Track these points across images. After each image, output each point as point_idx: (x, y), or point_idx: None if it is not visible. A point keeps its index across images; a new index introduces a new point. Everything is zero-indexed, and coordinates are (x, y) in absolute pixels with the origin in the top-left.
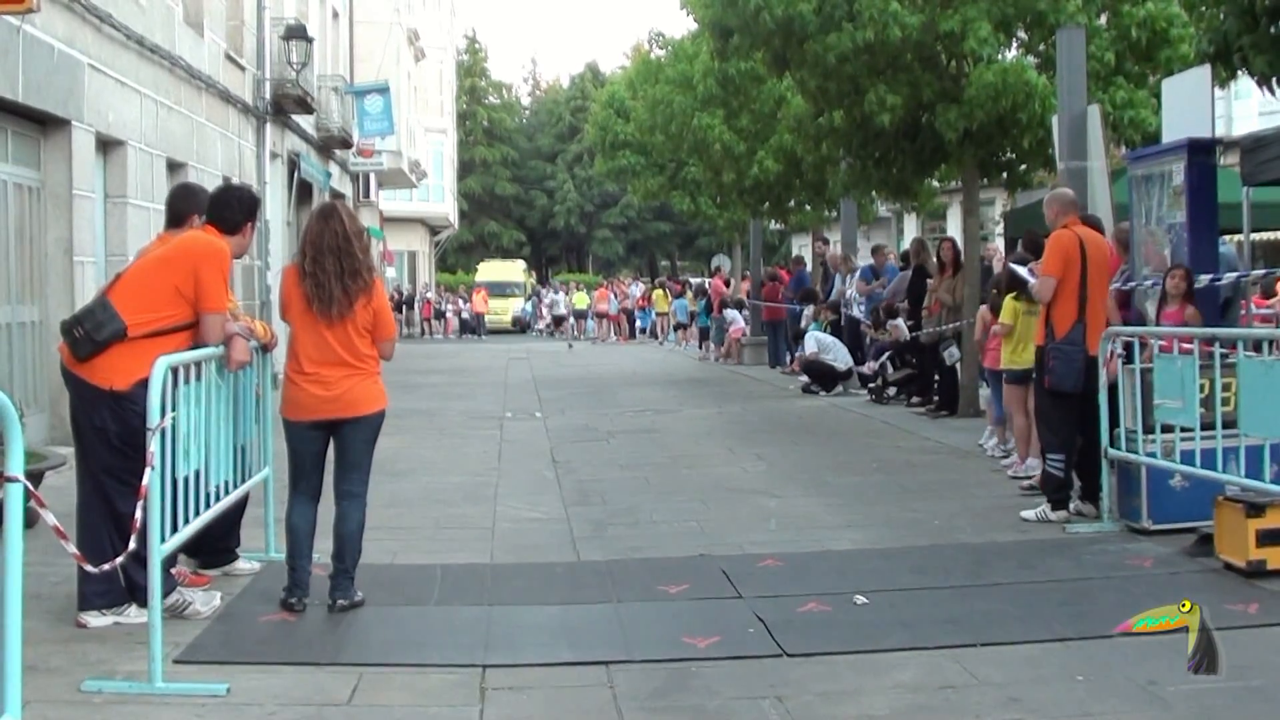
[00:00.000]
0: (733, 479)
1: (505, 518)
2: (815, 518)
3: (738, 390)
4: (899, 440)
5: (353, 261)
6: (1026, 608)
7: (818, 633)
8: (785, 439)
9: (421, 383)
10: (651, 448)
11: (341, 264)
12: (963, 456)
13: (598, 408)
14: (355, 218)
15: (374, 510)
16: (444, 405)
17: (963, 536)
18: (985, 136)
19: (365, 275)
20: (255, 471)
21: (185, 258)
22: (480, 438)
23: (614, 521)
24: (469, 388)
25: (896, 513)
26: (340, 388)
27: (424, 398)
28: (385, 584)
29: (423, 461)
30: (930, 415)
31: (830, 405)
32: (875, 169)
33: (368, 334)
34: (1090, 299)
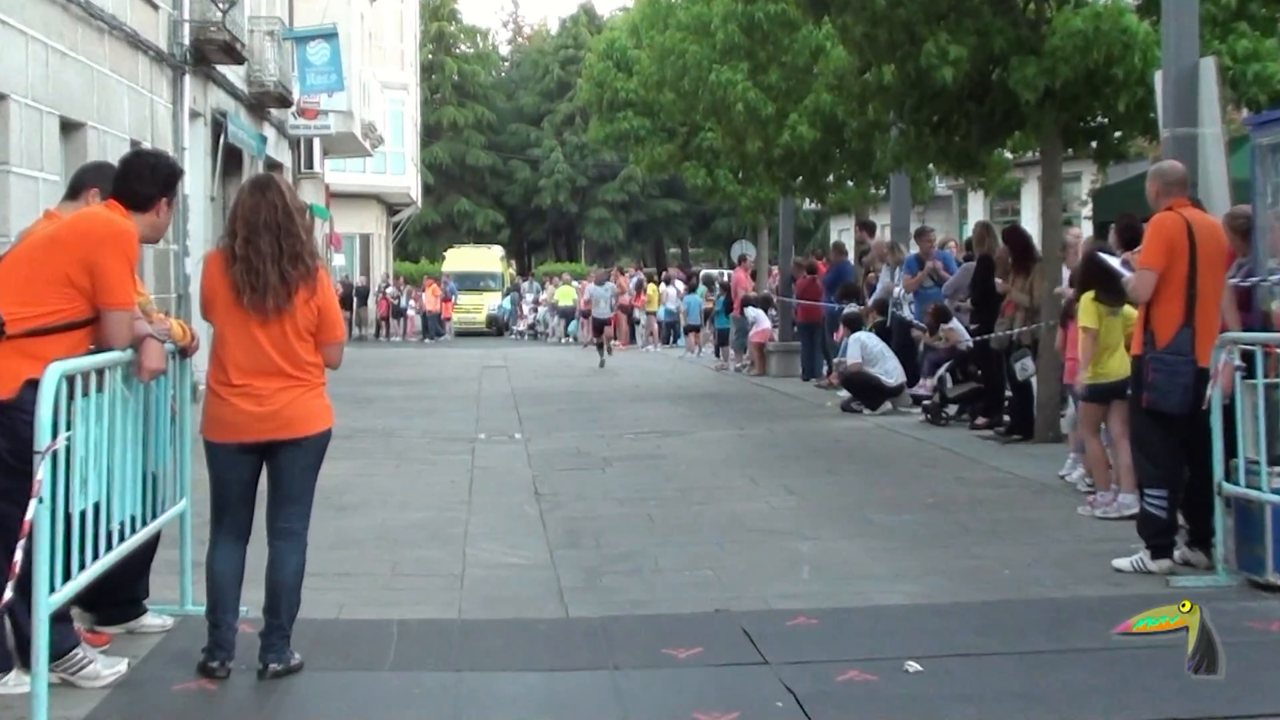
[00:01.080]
0: (756, 517)
1: (477, 563)
2: (857, 565)
3: (763, 408)
4: (961, 470)
5: (294, 242)
6: (1120, 680)
7: (860, 707)
8: (821, 468)
9: (376, 396)
10: (657, 478)
11: (280, 244)
12: (1039, 491)
13: (591, 428)
14: (295, 193)
15: (316, 553)
16: (403, 424)
17: (1040, 590)
18: (1071, 97)
19: (308, 260)
20: (169, 505)
21: (78, 240)
22: (447, 464)
23: (610, 569)
24: (434, 402)
25: (957, 560)
26: (276, 402)
27: (379, 414)
28: (329, 644)
29: (377, 493)
30: (1000, 440)
31: (876, 427)
32: (933, 137)
33: (310, 336)
34: (1200, 298)
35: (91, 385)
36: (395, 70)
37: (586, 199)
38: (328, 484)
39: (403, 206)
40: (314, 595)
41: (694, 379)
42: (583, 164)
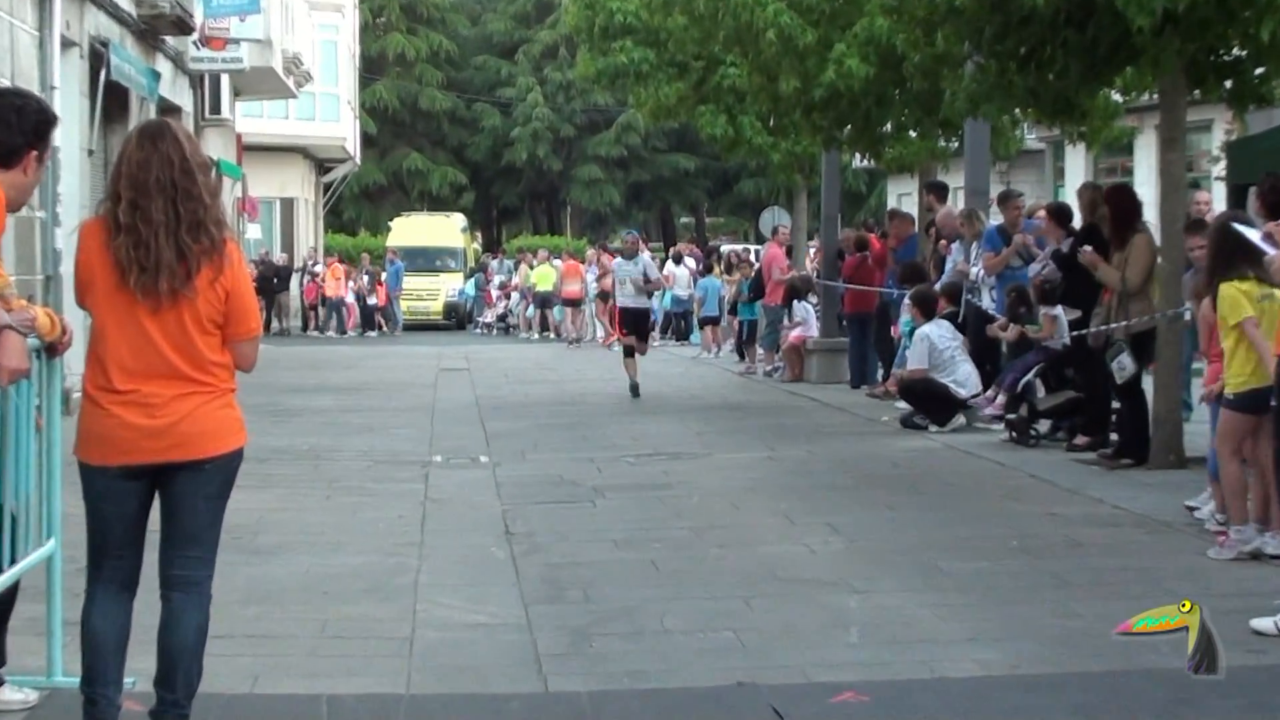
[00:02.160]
0: (791, 564)
1: (431, 622)
2: (920, 625)
3: (800, 423)
4: (1055, 504)
5: (194, 207)
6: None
7: None
8: (875, 500)
9: (302, 407)
10: (663, 513)
11: (176, 210)
12: (1156, 530)
13: (579, 449)
14: (197, 144)
15: (223, 608)
16: (337, 443)
17: (1156, 658)
18: (1198, 22)
19: (213, 230)
20: (33, 548)
21: None
22: (393, 495)
23: (603, 630)
24: (376, 415)
25: (1050, 619)
26: (171, 414)
27: (305, 430)
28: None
29: (302, 531)
30: (1106, 464)
31: (945, 447)
32: (1020, 73)
33: (215, 329)
34: None
35: None
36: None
37: (573, 154)
38: (239, 520)
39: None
40: (221, 662)
41: (711, 385)
42: (568, 109)
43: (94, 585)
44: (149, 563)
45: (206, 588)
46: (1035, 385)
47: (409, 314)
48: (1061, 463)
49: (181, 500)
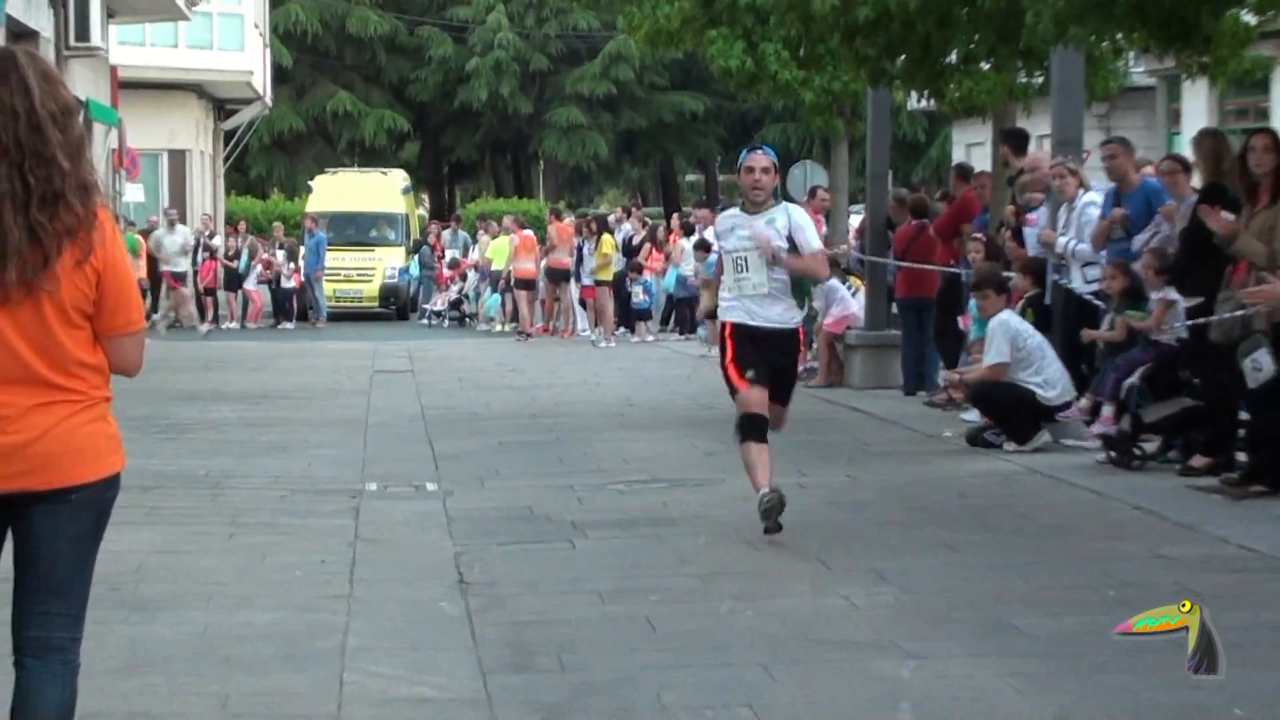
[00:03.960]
0: (826, 622)
1: (362, 697)
2: (993, 699)
3: (838, 439)
4: (1165, 543)
5: (49, 173)
6: None
7: None
8: (933, 540)
9: (198, 420)
10: (660, 556)
11: (25, 178)
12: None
13: (554, 474)
14: (57, 81)
15: (95, 679)
16: (242, 466)
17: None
18: None
19: (76, 202)
20: None
21: None
22: (314, 533)
23: (583, 706)
24: (292, 430)
25: (1158, 691)
26: (28, 429)
27: (202, 451)
28: None
29: (197, 580)
30: (1231, 493)
31: (1026, 471)
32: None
33: (84, 322)
34: None
35: None
36: None
37: (547, 92)
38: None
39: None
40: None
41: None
42: (540, 34)
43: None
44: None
45: (73, 654)
46: (1142, 390)
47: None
48: (1174, 490)
49: (41, 541)
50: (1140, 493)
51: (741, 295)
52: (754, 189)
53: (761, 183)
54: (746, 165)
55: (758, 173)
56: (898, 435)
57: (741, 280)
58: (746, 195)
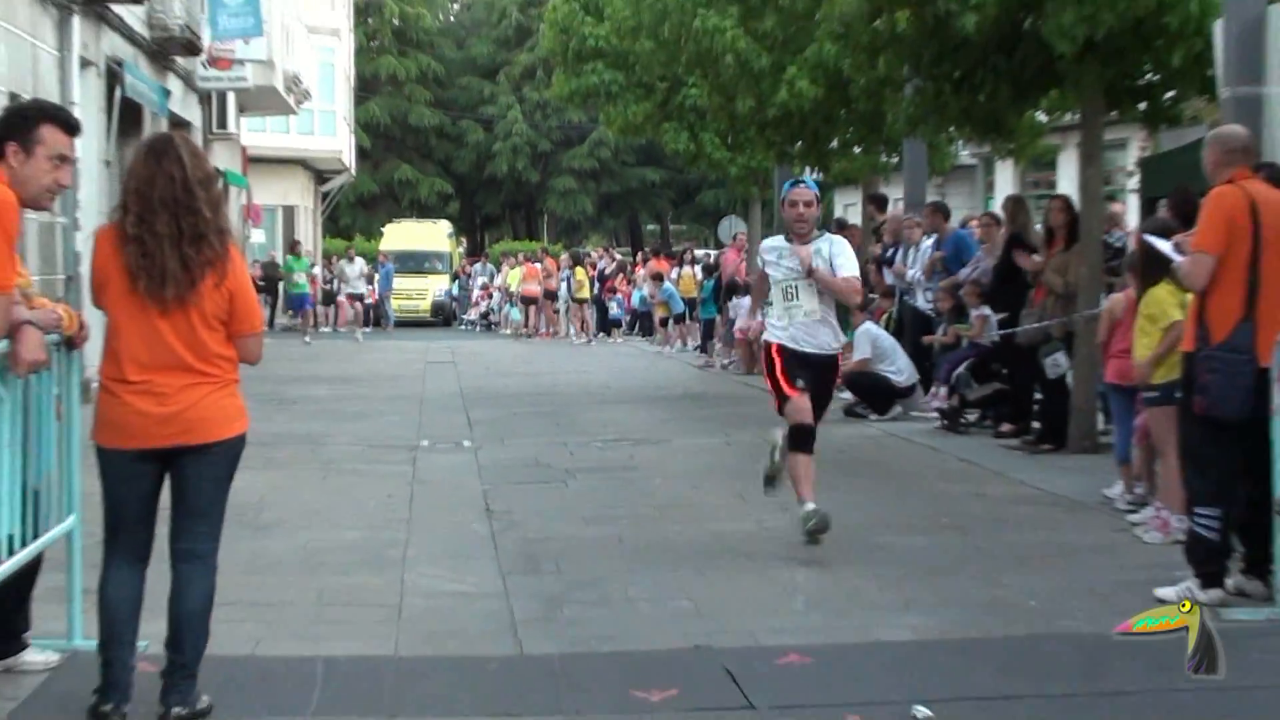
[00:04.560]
0: (744, 539)
1: (417, 591)
2: (860, 595)
3: (752, 411)
4: (982, 485)
5: (196, 221)
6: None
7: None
8: (820, 482)
9: (299, 396)
10: (629, 493)
11: (179, 224)
12: (1073, 509)
13: (553, 435)
14: (202, 157)
15: (227, 578)
16: (332, 429)
17: (1072, 624)
18: (1115, 50)
19: (214, 241)
20: (54, 523)
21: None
22: (383, 476)
23: (572, 598)
24: (368, 404)
25: (976, 589)
26: (180, 402)
27: (303, 417)
28: (244, 685)
29: (300, 509)
30: (1028, 450)
31: (884, 434)
32: (954, 95)
33: (220, 326)
34: (1264, 287)
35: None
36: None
37: (549, 166)
38: (242, 498)
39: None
40: (226, 627)
41: (674, 377)
42: (545, 125)
43: (110, 557)
44: (160, 537)
45: (212, 560)
46: (966, 378)
47: (400, 312)
48: (988, 448)
49: (189, 481)
50: (965, 449)
51: (791, 323)
52: (798, 222)
53: (805, 216)
54: (790, 200)
55: (801, 206)
56: None
57: (791, 308)
58: (791, 228)
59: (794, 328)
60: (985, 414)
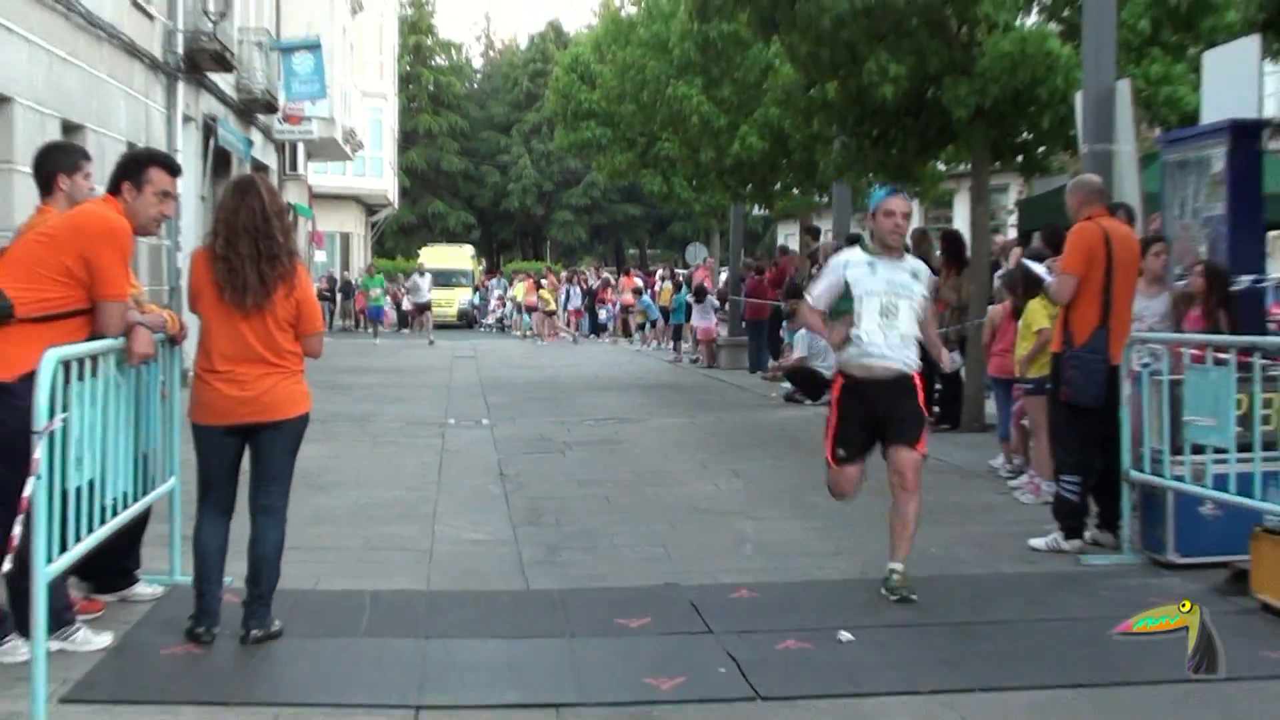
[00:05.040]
0: (705, 498)
1: (445, 539)
2: (797, 543)
3: (713, 398)
4: None
5: (271, 245)
6: (1033, 649)
7: (797, 674)
8: (765, 454)
9: (353, 384)
10: (613, 462)
11: (258, 247)
12: (965, 476)
13: (553, 415)
14: (276, 193)
15: (295, 528)
16: (377, 409)
17: (963, 567)
18: (999, 114)
19: (285, 260)
20: (159, 483)
21: (74, 236)
22: (418, 447)
23: (568, 545)
24: (407, 390)
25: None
26: (258, 388)
27: (354, 400)
28: (307, 612)
29: (352, 473)
30: (930, 429)
31: (817, 416)
32: (873, 149)
33: (289, 327)
34: (1115, 302)
35: (87, 370)
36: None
37: (552, 203)
38: (306, 465)
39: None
40: (292, 567)
41: (650, 370)
42: (549, 170)
43: (202, 511)
44: (241, 495)
45: (283, 514)
46: None
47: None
48: None
49: (265, 450)
50: None
51: (886, 340)
52: (894, 233)
53: (902, 227)
54: (885, 209)
55: (899, 216)
56: (746, 396)
57: (888, 326)
58: (885, 238)
59: (885, 345)
60: None
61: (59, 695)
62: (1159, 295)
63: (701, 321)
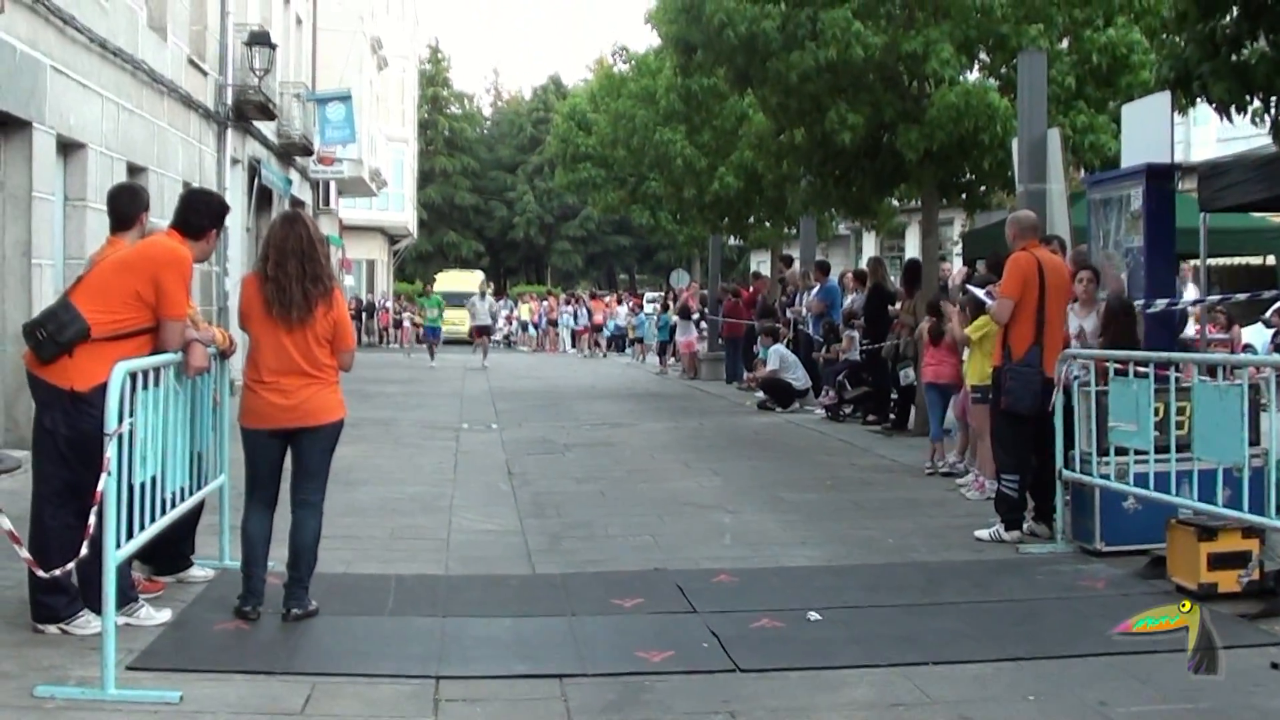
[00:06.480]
0: (688, 494)
1: (460, 529)
2: (770, 534)
3: (694, 405)
4: (854, 458)
5: (315, 266)
6: (979, 627)
7: (771, 649)
8: (741, 455)
9: (378, 392)
10: (608, 461)
11: (304, 267)
12: (917, 474)
13: (554, 420)
14: (317, 226)
15: (330, 519)
16: (400, 415)
17: (916, 555)
18: (945, 157)
19: (326, 282)
20: (211, 479)
21: (147, 263)
22: (436, 448)
23: (569, 534)
24: (425, 398)
25: (850, 530)
26: (299, 396)
27: (380, 407)
28: (340, 593)
29: (379, 471)
30: (885, 433)
31: (786, 422)
32: (835, 187)
33: (327, 344)
34: (1048, 321)
35: (150, 380)
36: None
37: (552, 233)
38: (338, 464)
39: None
40: (327, 554)
41: (640, 381)
42: (549, 205)
43: (249, 504)
44: (284, 491)
45: (320, 507)
46: (845, 383)
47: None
48: (859, 432)
49: (305, 451)
50: (842, 433)
51: None
52: None
53: None
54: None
55: None
56: (724, 403)
57: None
58: None
59: None
60: (857, 408)
61: (125, 663)
62: (1088, 315)
63: (684, 336)
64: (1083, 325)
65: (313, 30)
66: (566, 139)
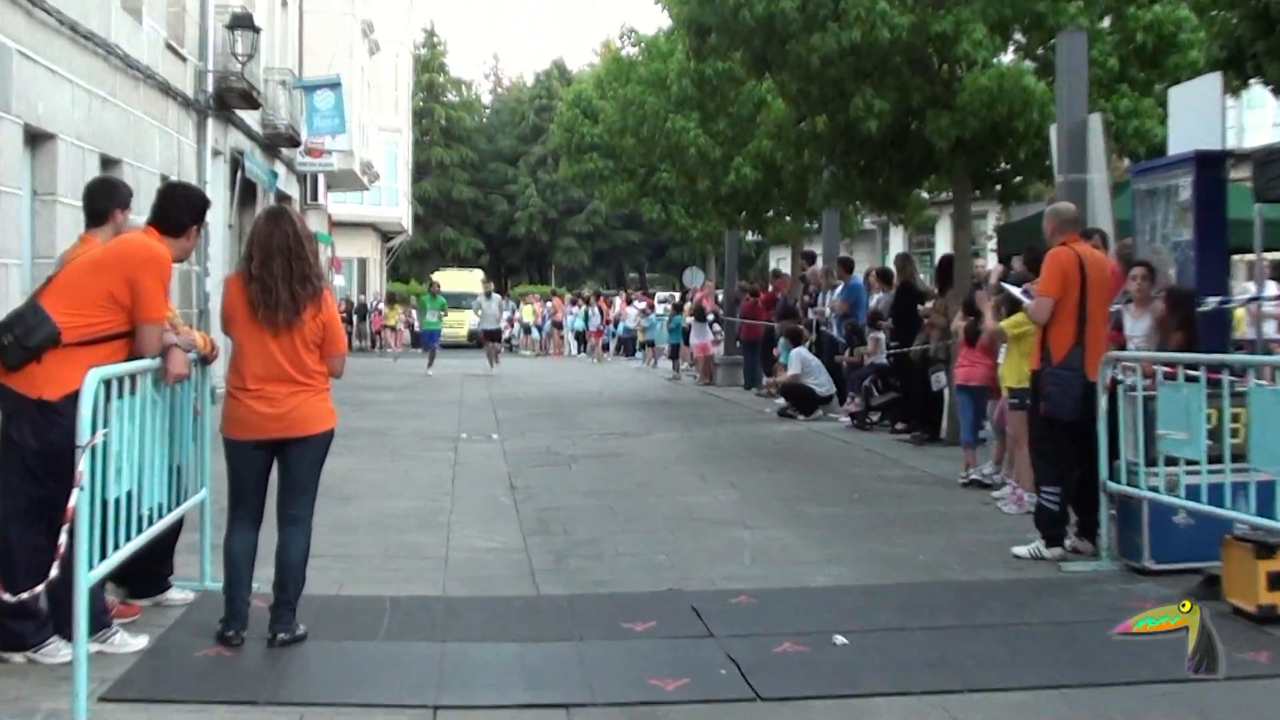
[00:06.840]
0: (703, 508)
1: (459, 547)
2: (791, 551)
3: (709, 413)
4: (882, 469)
5: (303, 265)
6: (1018, 651)
7: (794, 675)
8: (760, 466)
9: (371, 400)
10: (617, 473)
11: (291, 266)
12: (950, 487)
13: (559, 430)
14: (304, 222)
15: (319, 536)
16: (395, 424)
17: (950, 574)
18: (978, 146)
19: (314, 282)
20: (191, 494)
21: (121, 263)
22: (433, 460)
23: (576, 553)
24: (422, 406)
25: (879, 547)
26: (287, 405)
27: (374, 416)
28: (330, 617)
29: (372, 485)
30: (915, 442)
31: (809, 430)
32: (859, 178)
33: (316, 348)
34: (1090, 321)
35: (126, 388)
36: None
37: (556, 229)
38: (329, 477)
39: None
40: (317, 574)
41: (650, 387)
42: (553, 199)
43: (232, 520)
44: (269, 506)
45: (308, 523)
46: (871, 389)
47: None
48: (887, 441)
49: (292, 463)
50: (868, 442)
51: None
52: None
53: None
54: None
55: None
56: (741, 411)
57: None
58: None
59: None
60: (884, 416)
61: (98, 694)
62: (1143, 316)
63: (698, 339)
64: (1135, 327)
65: (299, 13)
66: (571, 128)
